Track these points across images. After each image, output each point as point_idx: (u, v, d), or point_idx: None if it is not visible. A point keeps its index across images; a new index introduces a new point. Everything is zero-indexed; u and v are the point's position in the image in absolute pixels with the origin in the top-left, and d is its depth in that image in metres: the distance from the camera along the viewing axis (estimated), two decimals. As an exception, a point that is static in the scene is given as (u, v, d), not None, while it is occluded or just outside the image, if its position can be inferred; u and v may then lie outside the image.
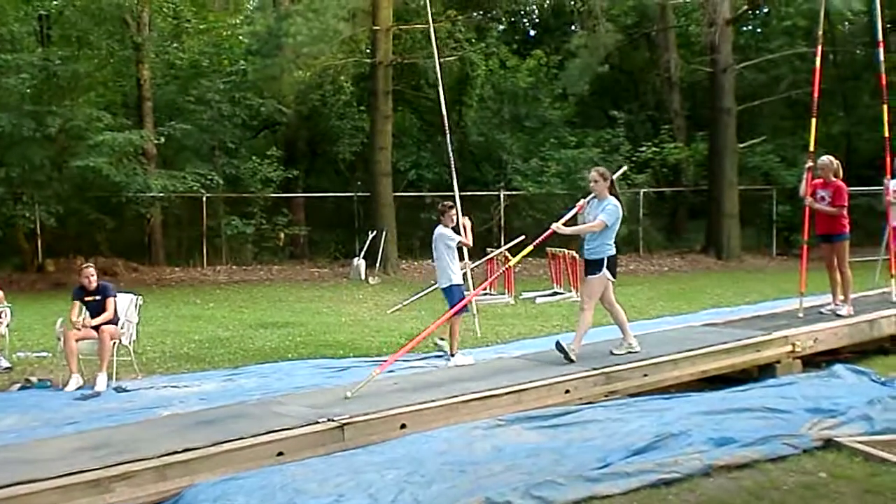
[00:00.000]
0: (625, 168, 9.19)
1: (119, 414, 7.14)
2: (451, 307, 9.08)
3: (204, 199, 22.06)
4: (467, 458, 5.53)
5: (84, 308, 8.76)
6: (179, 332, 12.13)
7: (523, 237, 9.36)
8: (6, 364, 9.41)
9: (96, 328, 8.53)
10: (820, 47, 10.54)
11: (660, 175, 25.18)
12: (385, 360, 7.84)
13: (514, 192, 23.69)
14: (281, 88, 22.20)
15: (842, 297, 9.74)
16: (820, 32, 10.75)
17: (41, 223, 19.77)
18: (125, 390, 8.20)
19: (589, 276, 7.85)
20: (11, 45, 19.56)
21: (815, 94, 10.17)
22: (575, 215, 8.15)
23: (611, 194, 7.82)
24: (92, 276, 8.72)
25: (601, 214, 7.71)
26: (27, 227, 19.82)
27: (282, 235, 23.56)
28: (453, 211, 9.56)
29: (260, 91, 23.21)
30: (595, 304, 7.91)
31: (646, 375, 7.59)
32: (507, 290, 15.68)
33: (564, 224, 8.02)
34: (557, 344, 7.76)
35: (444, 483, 5.09)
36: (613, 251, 7.84)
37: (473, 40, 25.71)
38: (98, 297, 8.66)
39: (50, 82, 19.17)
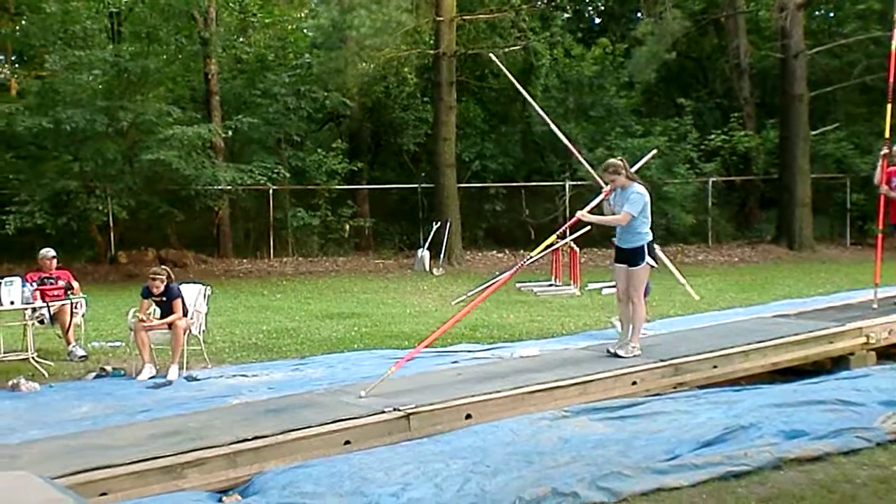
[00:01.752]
0: (654, 151, 8.89)
1: (190, 402, 7.27)
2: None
3: (270, 191, 22.35)
4: (533, 449, 5.52)
5: (153, 305, 8.93)
6: (248, 322, 12.32)
7: (589, 228, 9.33)
8: (82, 353, 9.66)
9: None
10: None
11: (729, 163, 24.71)
12: (401, 358, 7.73)
13: (579, 183, 23.48)
14: (345, 81, 22.31)
15: None
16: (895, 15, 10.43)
17: (113, 216, 20.21)
18: (196, 379, 8.35)
19: (632, 268, 7.64)
20: (84, 43, 20.01)
21: (891, 79, 9.87)
22: (601, 202, 7.98)
23: (632, 181, 7.64)
24: (159, 284, 8.76)
25: (626, 205, 7.53)
26: (100, 219, 20.28)
27: (347, 227, 23.76)
28: None
29: (324, 84, 23.36)
30: (643, 293, 7.75)
31: (715, 367, 7.48)
32: (572, 281, 15.57)
33: (589, 212, 7.89)
34: (608, 351, 7.59)
35: (510, 473, 5.07)
36: (650, 236, 7.68)
37: (538, 29, 25.53)
38: (165, 299, 8.80)
39: (121, 78, 19.56)
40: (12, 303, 8.89)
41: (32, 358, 8.96)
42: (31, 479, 3.97)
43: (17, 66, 24.47)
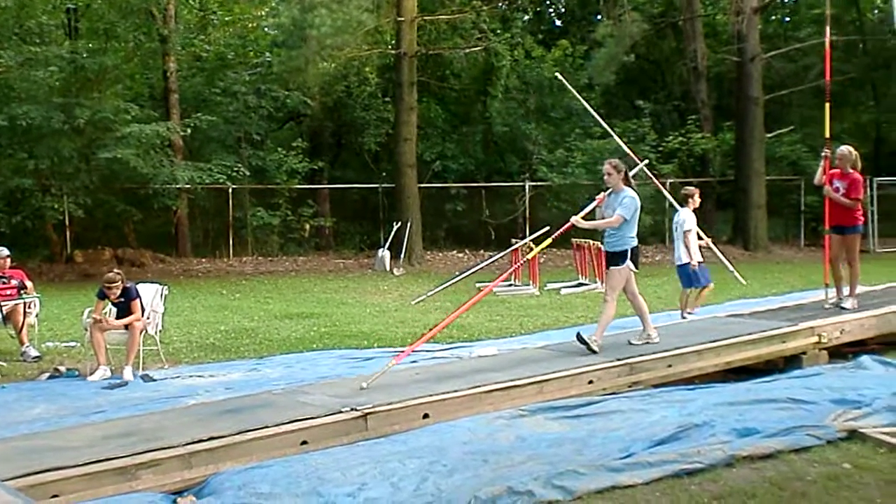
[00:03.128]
0: (647, 161, 9.13)
1: (145, 403, 7.21)
2: (684, 284, 10.67)
3: (230, 190, 22.20)
4: (490, 448, 5.55)
5: (109, 305, 8.83)
6: (205, 322, 12.23)
7: (548, 228, 9.39)
8: (35, 353, 9.53)
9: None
10: (828, 28, 10.56)
11: (686, 165, 24.99)
12: (403, 351, 7.84)
13: (539, 183, 23.63)
14: (306, 80, 22.22)
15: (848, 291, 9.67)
16: (827, 12, 10.79)
17: (69, 215, 19.95)
18: (152, 380, 8.28)
19: (612, 268, 7.88)
20: (40, 38, 19.71)
21: (827, 79, 10.17)
22: (594, 208, 8.09)
23: (627, 185, 7.80)
24: (115, 291, 8.65)
25: (619, 209, 7.70)
26: (56, 218, 20.02)
27: (307, 227, 23.68)
28: (696, 196, 10.68)
29: (285, 83, 23.28)
30: (618, 295, 7.91)
31: (670, 366, 7.57)
32: (531, 281, 15.66)
33: (584, 217, 7.99)
34: (578, 335, 7.76)
35: (467, 472, 5.11)
36: (636, 242, 7.88)
37: (499, 31, 25.64)
38: (123, 299, 8.71)
39: (78, 75, 19.32)
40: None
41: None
42: (-19, 482, 3.93)
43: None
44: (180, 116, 22.28)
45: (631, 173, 8.08)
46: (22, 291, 9.72)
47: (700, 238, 10.80)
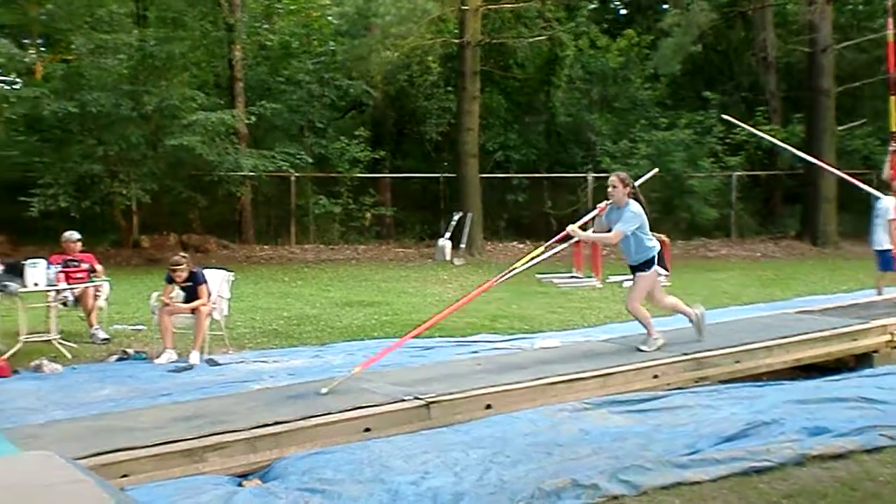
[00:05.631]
0: (655, 171, 8.88)
1: (211, 387, 7.30)
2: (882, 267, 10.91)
3: (292, 178, 22.39)
4: (553, 440, 5.50)
5: (177, 290, 8.95)
6: (268, 308, 12.35)
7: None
8: (104, 336, 9.72)
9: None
10: (891, 20, 10.27)
11: (754, 158, 24.51)
12: (395, 342, 7.61)
13: (602, 174, 23.36)
14: (369, 69, 22.31)
15: None
16: (889, 3, 10.47)
17: (137, 200, 20.30)
18: (217, 364, 8.39)
19: (639, 273, 7.54)
20: (110, 26, 20.07)
21: (892, 70, 9.91)
22: (594, 218, 7.79)
23: (633, 199, 7.41)
24: (181, 274, 8.77)
25: (618, 224, 7.35)
26: (123, 203, 20.38)
27: (368, 215, 23.77)
28: None
29: (348, 72, 23.38)
30: (643, 299, 7.66)
31: (738, 362, 7.43)
32: (594, 273, 15.51)
33: (582, 227, 7.64)
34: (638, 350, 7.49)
35: (530, 464, 5.06)
36: (656, 249, 7.57)
37: (563, 20, 25.40)
38: (190, 284, 8.83)
39: (146, 63, 19.60)
40: (36, 284, 8.96)
41: (55, 340, 9.03)
42: (54, 460, 3.98)
43: (43, 49, 24.61)
44: (245, 105, 22.50)
45: (638, 182, 7.71)
46: (92, 275, 9.91)
47: None
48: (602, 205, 7.65)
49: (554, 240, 7.87)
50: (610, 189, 7.48)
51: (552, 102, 25.41)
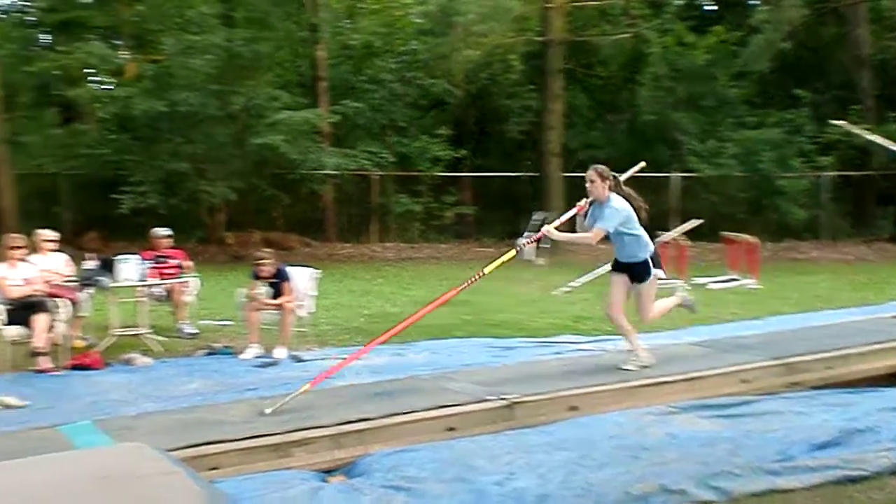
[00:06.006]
0: (642, 164, 8.00)
1: (295, 382, 7.30)
2: None
3: (374, 177, 22.54)
4: (639, 444, 5.40)
5: (264, 286, 9.07)
6: (350, 305, 12.45)
7: (700, 221, 9.01)
8: (191, 330, 9.91)
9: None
10: None
11: (846, 158, 23.76)
12: (372, 341, 7.07)
13: (688, 174, 22.96)
14: (451, 67, 22.32)
15: None
16: None
17: (222, 198, 20.67)
18: (301, 360, 8.47)
19: (639, 285, 6.92)
20: (198, 27, 20.49)
21: None
22: (574, 217, 7.12)
23: (618, 193, 6.84)
24: (267, 268, 8.90)
25: (598, 222, 6.74)
26: (210, 201, 20.79)
27: (449, 214, 23.78)
28: None
29: (430, 70, 23.44)
30: (652, 308, 7.09)
31: (830, 368, 7.18)
32: (679, 275, 15.21)
33: (558, 227, 7.00)
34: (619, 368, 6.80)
35: (616, 467, 4.99)
36: (651, 248, 6.96)
37: (648, 16, 25.02)
38: (276, 280, 8.94)
39: (233, 63, 19.95)
40: (127, 279, 9.18)
41: (145, 334, 9.25)
42: (146, 451, 4.06)
43: (133, 50, 25.26)
44: (328, 104, 22.74)
45: (623, 176, 7.18)
46: (181, 271, 10.12)
47: None
48: (581, 202, 6.99)
49: (531, 240, 7.19)
50: (588, 185, 6.86)
51: (636, 101, 25.03)
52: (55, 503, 3.39)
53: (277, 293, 8.89)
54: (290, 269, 9.20)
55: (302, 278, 9.36)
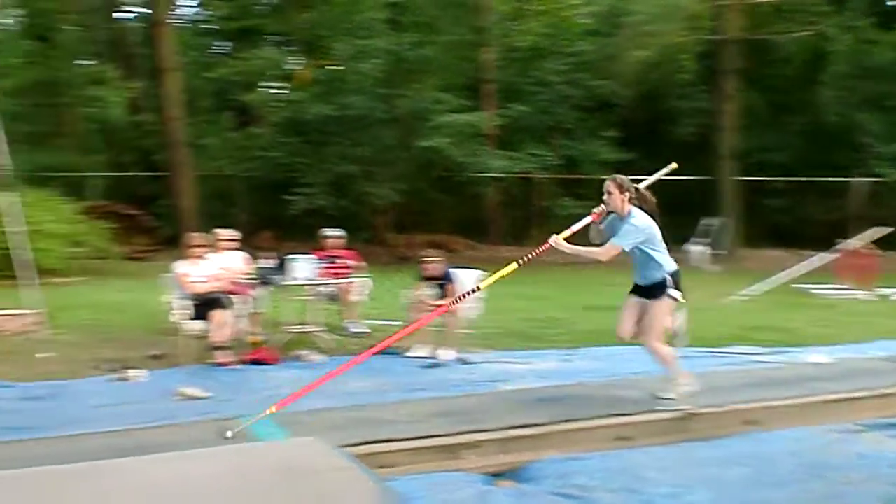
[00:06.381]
0: (673, 166, 7.06)
1: (462, 385, 7.37)
2: None
3: (539, 179, 22.42)
4: (823, 462, 5.13)
5: (430, 287, 9.15)
6: (514, 309, 12.38)
7: (890, 229, 8.43)
8: (358, 329, 10.10)
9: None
10: None
11: None
12: (318, 380, 6.20)
13: (872, 179, 21.64)
14: (619, 68, 21.94)
15: None
16: None
17: (388, 200, 21.05)
18: (468, 362, 8.49)
19: (650, 301, 6.26)
20: (367, 32, 21.01)
21: None
22: (587, 226, 6.44)
23: (638, 207, 6.20)
24: (435, 267, 8.98)
25: (614, 239, 6.10)
26: (376, 203, 21.24)
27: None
28: None
29: (597, 72, 23.10)
30: (663, 333, 6.29)
31: None
32: (864, 286, 14.35)
33: (568, 238, 6.26)
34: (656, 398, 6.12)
35: (798, 486, 4.76)
36: (671, 268, 6.26)
37: (829, 13, 23.76)
38: (442, 282, 8.99)
39: (400, 66, 20.32)
40: (295, 278, 9.46)
41: (316, 332, 9.50)
42: (319, 446, 4.15)
43: (305, 56, 26.17)
44: (494, 107, 22.79)
45: (643, 184, 6.49)
46: (352, 271, 10.35)
47: None
48: (597, 210, 6.32)
49: (536, 252, 6.60)
50: (605, 196, 6.22)
51: (817, 101, 23.81)
52: (239, 492, 3.51)
53: (444, 294, 8.94)
54: (456, 271, 9.23)
55: (470, 280, 9.38)
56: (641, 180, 6.39)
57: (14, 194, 9.28)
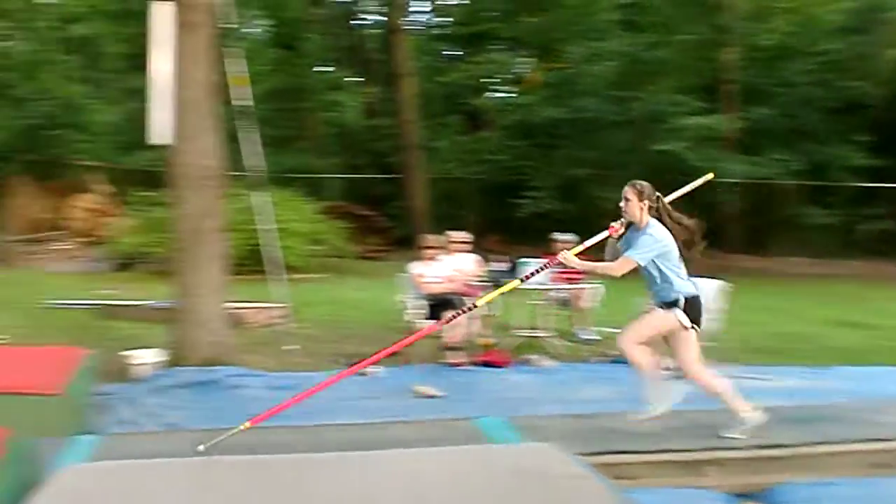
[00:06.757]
0: (709, 176, 6.32)
1: (696, 400, 7.06)
2: None
3: (781, 186, 21.23)
4: None
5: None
6: (755, 322, 11.77)
7: None
8: (589, 336, 9.98)
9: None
10: None
11: None
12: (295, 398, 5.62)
13: None
14: (874, 68, 20.37)
15: None
16: None
17: (616, 204, 20.65)
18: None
19: (653, 310, 5.66)
20: (600, 34, 20.78)
21: None
22: (604, 241, 5.91)
23: (657, 218, 5.61)
24: None
25: (628, 251, 5.53)
26: (606, 207, 20.89)
27: (866, 229, 21.71)
28: None
29: (847, 71, 21.60)
30: (642, 337, 5.62)
31: None
32: None
33: (580, 255, 5.82)
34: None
35: None
36: (688, 291, 5.62)
37: None
38: None
39: (634, 68, 19.93)
40: (522, 281, 9.45)
41: (547, 336, 9.47)
42: (555, 453, 4.10)
43: (537, 59, 26.28)
44: (736, 108, 21.84)
45: (670, 198, 5.84)
46: (583, 277, 10.23)
47: None
48: (615, 224, 5.83)
49: (542, 268, 6.17)
50: (622, 203, 5.71)
51: None
52: (472, 490, 3.54)
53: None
54: (696, 281, 8.89)
55: (709, 291, 9.00)
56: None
57: (266, 194, 9.87)
